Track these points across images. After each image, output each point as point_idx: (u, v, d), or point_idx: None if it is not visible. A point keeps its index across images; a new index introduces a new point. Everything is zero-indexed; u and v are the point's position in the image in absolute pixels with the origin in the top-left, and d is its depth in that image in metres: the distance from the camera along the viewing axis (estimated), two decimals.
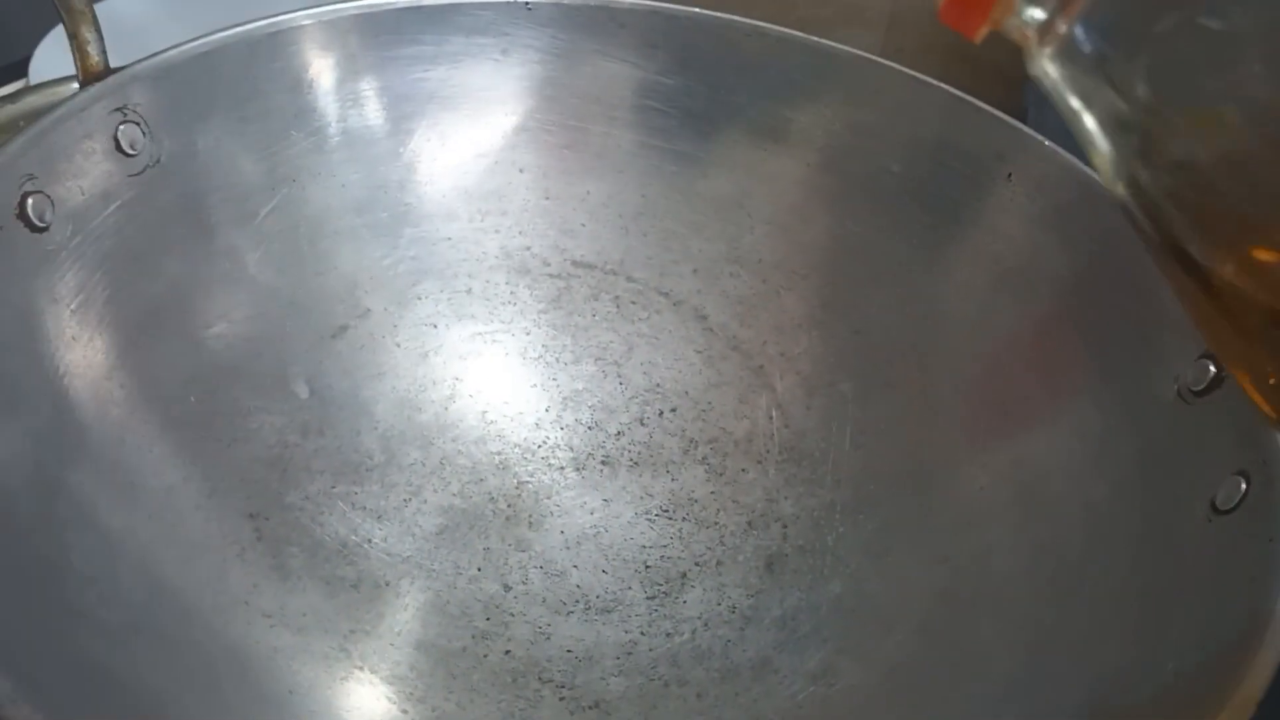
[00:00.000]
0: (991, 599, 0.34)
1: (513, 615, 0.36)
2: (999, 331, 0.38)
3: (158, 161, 0.36)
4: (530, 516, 0.39)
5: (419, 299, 0.42)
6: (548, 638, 0.36)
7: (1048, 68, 0.22)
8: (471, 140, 0.43)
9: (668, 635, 0.36)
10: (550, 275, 0.44)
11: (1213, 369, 0.32)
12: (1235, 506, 0.29)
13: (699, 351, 0.43)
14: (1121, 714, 0.27)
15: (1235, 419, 0.30)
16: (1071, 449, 0.35)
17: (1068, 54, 0.22)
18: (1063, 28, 0.22)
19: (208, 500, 0.34)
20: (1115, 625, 0.30)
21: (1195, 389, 0.32)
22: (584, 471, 0.41)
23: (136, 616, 0.29)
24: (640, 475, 0.41)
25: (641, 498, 0.40)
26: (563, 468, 0.40)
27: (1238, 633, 0.26)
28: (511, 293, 0.43)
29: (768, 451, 0.41)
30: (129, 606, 0.29)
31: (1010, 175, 0.39)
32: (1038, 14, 0.22)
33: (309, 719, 0.30)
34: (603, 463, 0.41)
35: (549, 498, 0.39)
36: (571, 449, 0.41)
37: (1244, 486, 0.29)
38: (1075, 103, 0.22)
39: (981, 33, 0.23)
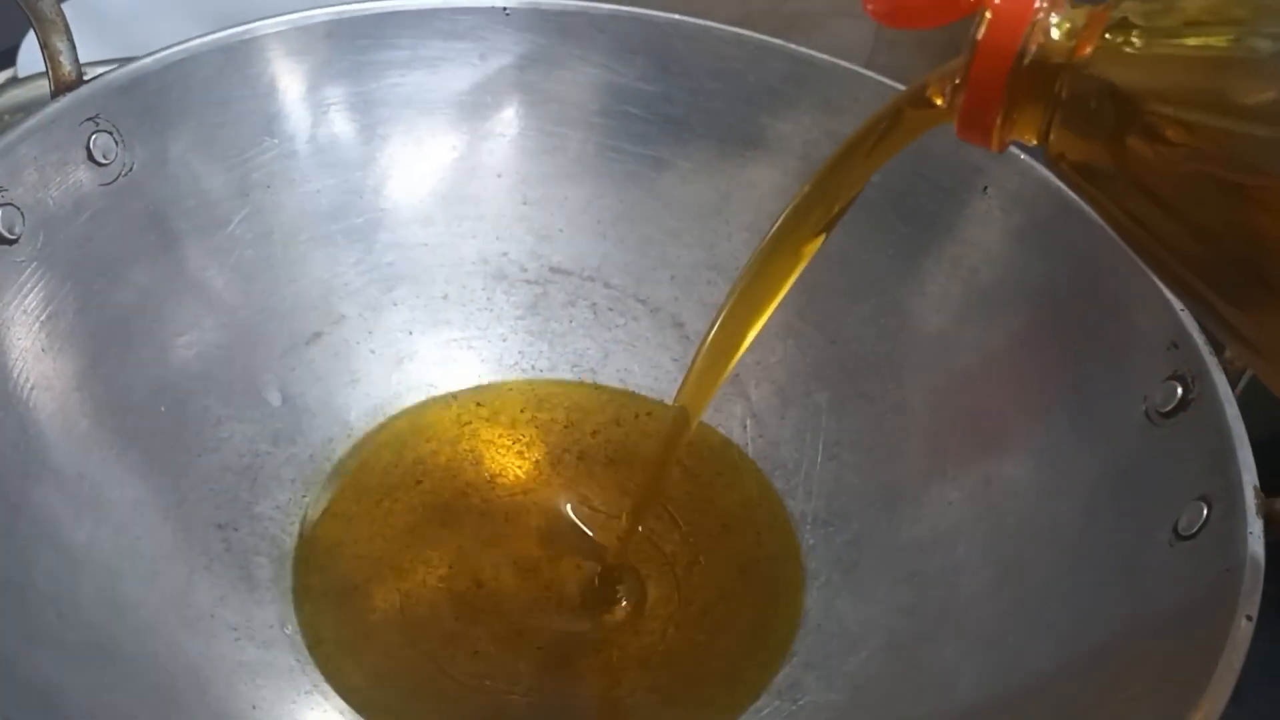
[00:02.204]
0: (957, 618, 0.34)
1: (483, 613, 0.36)
2: (972, 346, 0.38)
3: (130, 170, 0.36)
4: (505, 513, 0.39)
5: (394, 305, 0.42)
6: (519, 635, 0.36)
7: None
8: (448, 145, 0.42)
9: (637, 634, 0.36)
10: (527, 281, 0.43)
11: (1180, 391, 0.32)
12: (1197, 532, 0.29)
13: (675, 360, 0.43)
14: None
15: (1200, 443, 0.30)
16: (1041, 467, 0.35)
17: None
18: None
19: (176, 511, 0.34)
20: (1076, 650, 0.30)
21: (1162, 410, 0.32)
22: (559, 468, 0.40)
23: (97, 635, 0.29)
24: (616, 473, 0.41)
25: (616, 496, 0.40)
26: (537, 464, 0.40)
27: (1195, 662, 0.26)
28: (488, 299, 0.43)
29: (742, 459, 0.41)
30: (90, 626, 0.29)
31: (987, 188, 0.38)
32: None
33: None
34: (579, 459, 0.41)
35: (524, 494, 0.39)
36: (547, 446, 0.41)
37: (1205, 512, 0.29)
38: None
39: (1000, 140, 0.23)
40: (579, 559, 0.37)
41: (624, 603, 0.36)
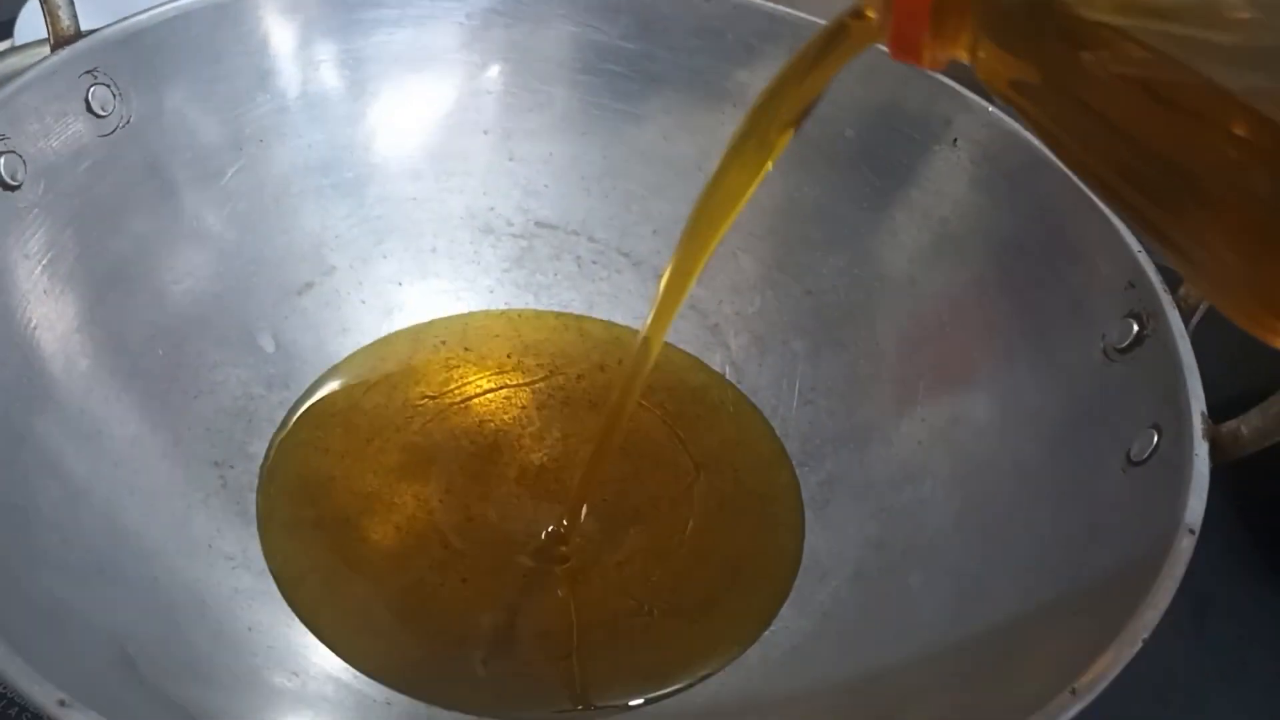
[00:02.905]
0: (922, 550, 0.35)
1: (472, 544, 0.37)
2: (941, 292, 0.39)
3: (127, 122, 0.37)
4: (490, 452, 0.40)
5: (383, 257, 0.43)
6: (504, 567, 0.37)
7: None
8: (436, 102, 0.44)
9: (619, 566, 0.37)
10: (513, 235, 0.45)
11: (1135, 327, 0.33)
12: (1148, 458, 0.30)
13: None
14: (1029, 650, 0.29)
15: (1154, 375, 0.32)
16: (1005, 406, 0.36)
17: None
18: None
19: (174, 449, 0.36)
20: (1032, 574, 0.31)
21: (1119, 346, 0.33)
22: (545, 410, 0.42)
23: (99, 559, 0.30)
24: (600, 415, 0.42)
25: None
26: (524, 406, 0.42)
27: (1142, 576, 0.27)
28: (475, 252, 0.44)
29: (721, 402, 0.43)
30: (91, 550, 0.30)
31: (956, 140, 0.40)
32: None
33: (266, 654, 0.32)
34: (563, 403, 0.42)
35: (509, 434, 0.41)
36: (533, 390, 0.42)
37: (1156, 439, 0.30)
38: None
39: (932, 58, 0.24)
40: (559, 498, 0.39)
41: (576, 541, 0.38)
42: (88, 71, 0.35)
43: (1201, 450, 0.29)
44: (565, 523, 0.38)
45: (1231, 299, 0.21)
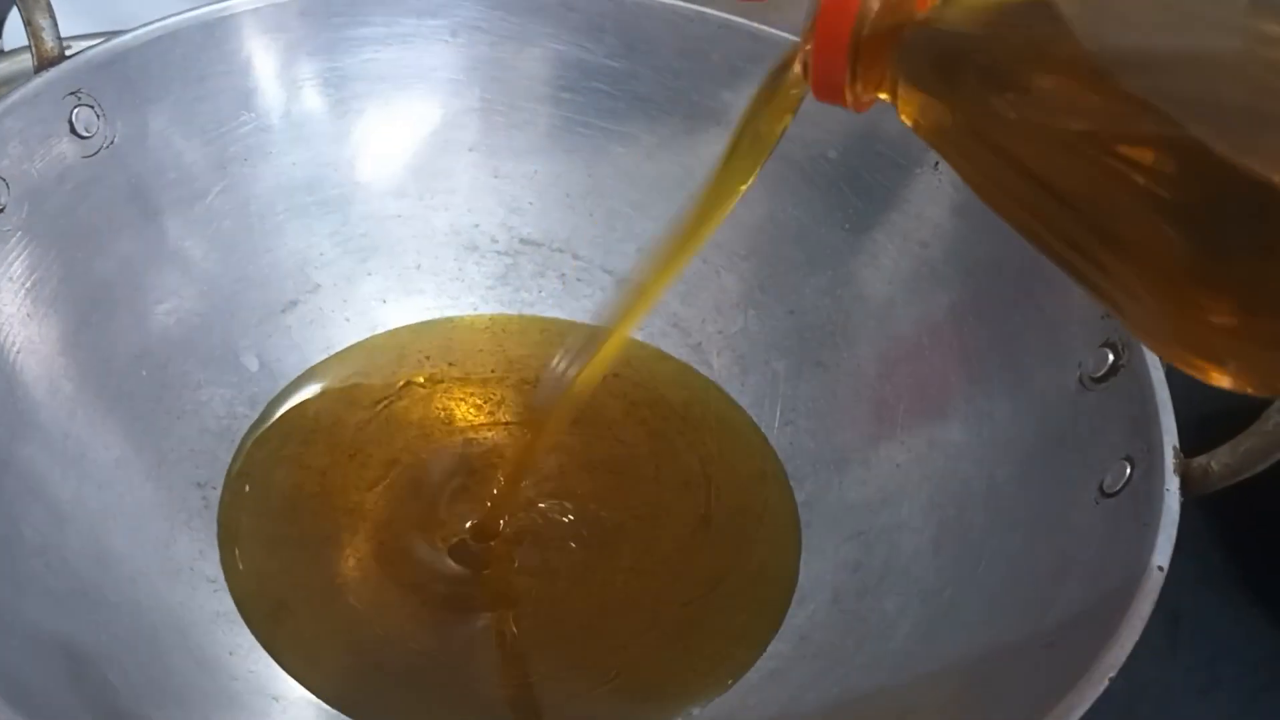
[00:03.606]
0: (898, 574, 0.35)
1: (451, 561, 0.37)
2: (921, 316, 0.40)
3: (111, 143, 0.37)
4: (472, 468, 0.40)
5: (368, 275, 0.43)
6: (482, 582, 0.37)
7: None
8: (421, 120, 0.44)
9: (602, 584, 0.38)
10: (498, 252, 0.45)
11: (1111, 357, 0.33)
12: (1120, 490, 0.31)
13: (641, 328, 0.45)
14: (998, 682, 0.29)
15: (1127, 407, 0.32)
16: (981, 432, 0.37)
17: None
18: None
19: (157, 470, 0.36)
20: (1004, 602, 0.32)
21: (1095, 376, 0.34)
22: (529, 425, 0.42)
23: (83, 583, 0.31)
24: (584, 431, 0.42)
25: (585, 452, 0.41)
26: (507, 424, 0.42)
27: (1111, 610, 0.28)
28: (459, 269, 0.45)
29: (703, 420, 0.43)
30: (76, 575, 0.31)
31: (938, 164, 0.40)
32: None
33: (247, 678, 0.32)
34: (546, 419, 0.42)
35: (493, 450, 0.41)
36: (515, 405, 0.42)
37: (1129, 471, 0.31)
38: None
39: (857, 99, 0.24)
40: (545, 511, 0.39)
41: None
42: (71, 93, 0.36)
43: (1172, 485, 0.29)
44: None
45: (1156, 339, 0.22)
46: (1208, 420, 0.34)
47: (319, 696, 0.33)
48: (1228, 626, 0.42)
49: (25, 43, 0.50)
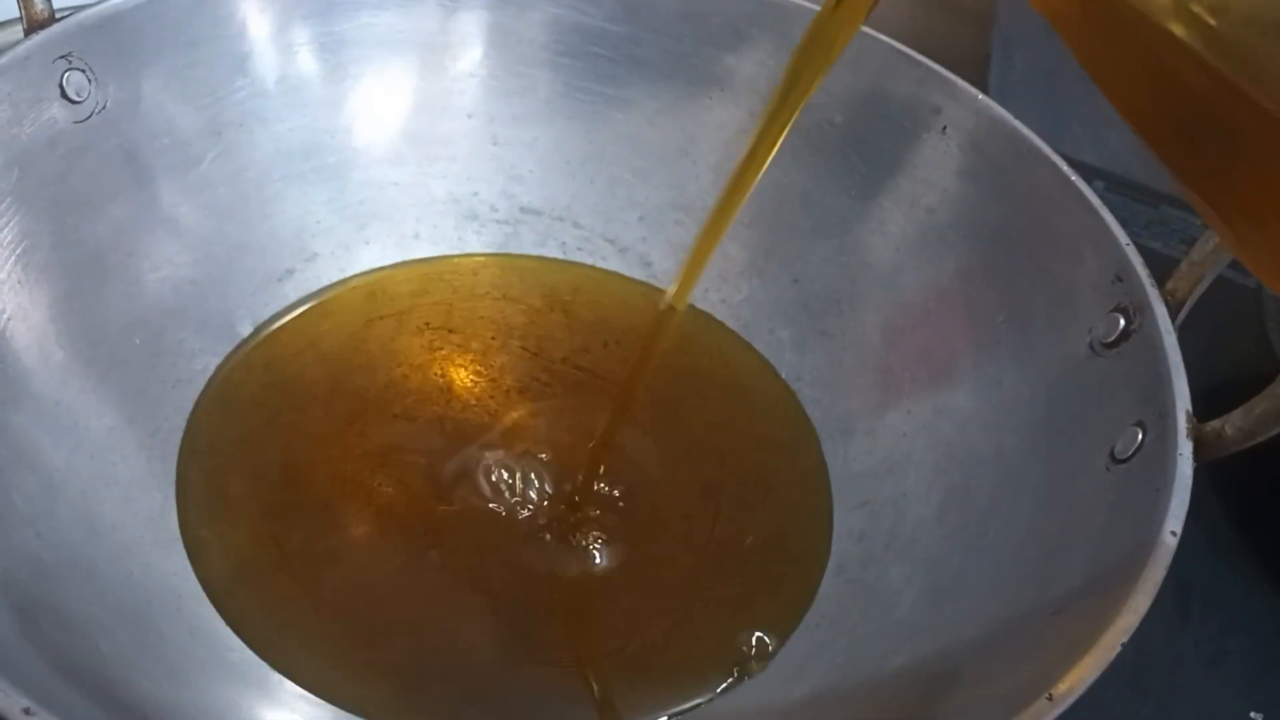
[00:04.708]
0: (904, 543, 0.35)
1: (452, 529, 0.37)
2: (927, 282, 0.39)
3: (103, 108, 0.36)
4: (473, 436, 0.39)
5: (366, 243, 0.43)
6: (486, 551, 0.36)
7: None
8: (420, 86, 0.43)
9: (600, 549, 0.37)
10: (498, 221, 0.44)
11: (1122, 322, 0.33)
12: (1131, 456, 0.30)
13: (644, 296, 0.44)
14: (1007, 650, 0.29)
15: (1139, 372, 0.32)
16: (989, 398, 0.36)
17: None
18: None
19: (151, 439, 0.35)
20: (1012, 570, 0.31)
21: (1105, 341, 0.33)
22: (527, 393, 0.41)
23: (74, 554, 0.30)
24: (584, 398, 0.41)
25: (584, 420, 0.41)
26: (508, 390, 0.41)
27: (1122, 577, 0.27)
28: (459, 238, 0.44)
29: (709, 389, 0.42)
30: (67, 545, 0.30)
31: (945, 128, 0.39)
32: None
33: (242, 650, 0.32)
34: (545, 385, 0.42)
35: (493, 417, 0.40)
36: (517, 373, 0.42)
37: (1140, 437, 0.30)
38: None
39: None
40: (547, 482, 0.38)
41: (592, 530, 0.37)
42: (62, 56, 0.35)
43: (1185, 450, 0.29)
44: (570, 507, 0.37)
45: (1263, 256, 0.20)
46: (1214, 392, 0.33)
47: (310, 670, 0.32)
48: (1238, 598, 0.42)
49: (13, 16, 0.50)
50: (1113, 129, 0.65)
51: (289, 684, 0.31)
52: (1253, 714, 0.38)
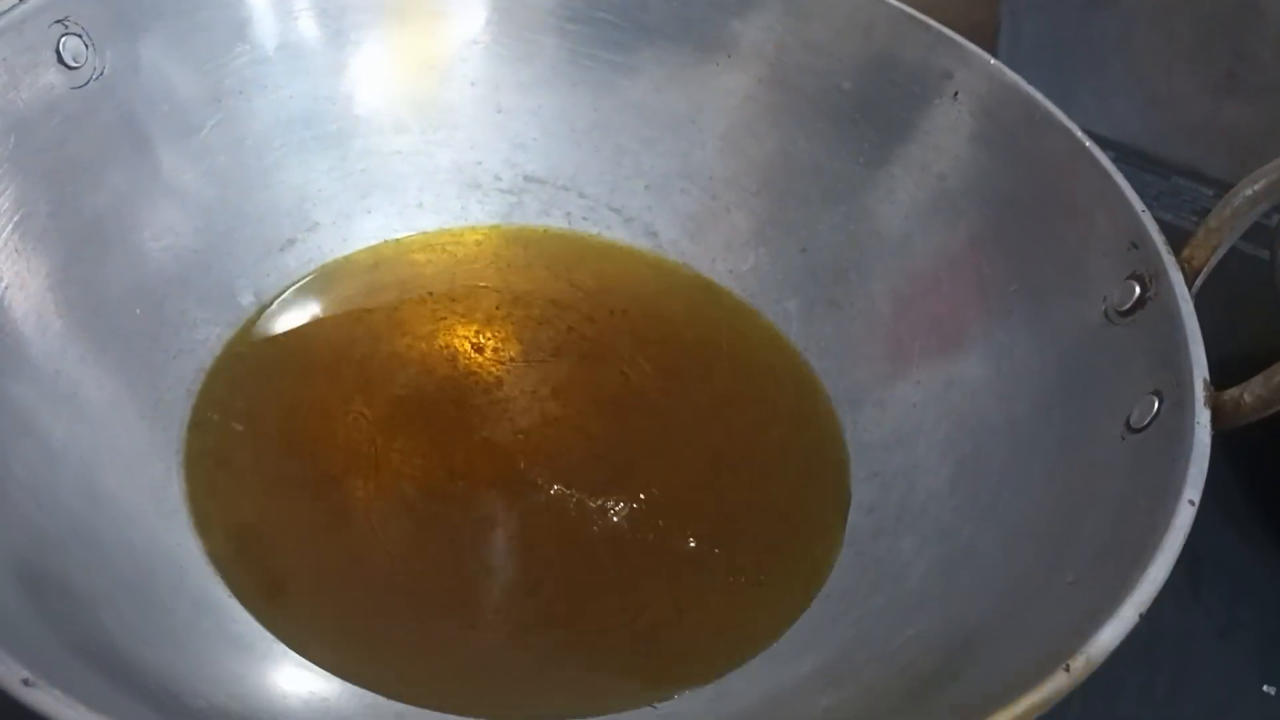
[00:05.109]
0: (915, 515, 0.35)
1: (457, 501, 0.36)
2: (938, 250, 0.39)
3: (101, 74, 0.35)
4: (478, 406, 0.39)
5: (368, 212, 0.42)
6: (492, 521, 0.36)
7: None
8: (422, 53, 0.43)
9: (609, 520, 0.36)
10: (501, 190, 0.44)
11: (1138, 290, 0.32)
12: (1147, 425, 0.30)
13: (650, 265, 0.43)
14: (1021, 621, 0.28)
15: (1155, 340, 0.31)
16: (1001, 369, 0.36)
17: None
18: None
19: (153, 410, 0.35)
20: (1025, 540, 0.31)
21: (1121, 309, 0.33)
22: (533, 363, 0.41)
23: (75, 523, 0.30)
24: (591, 368, 0.41)
25: (592, 389, 0.40)
26: (512, 359, 0.41)
27: (1138, 548, 0.27)
28: (462, 207, 0.43)
29: (716, 359, 0.42)
30: (69, 514, 0.30)
31: (957, 94, 0.39)
32: None
33: (246, 621, 0.31)
34: (553, 355, 0.41)
35: (498, 387, 0.40)
36: (521, 342, 0.41)
37: (1157, 406, 0.30)
38: None
39: None
40: (552, 449, 0.38)
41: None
42: (58, 21, 0.34)
43: (1203, 418, 0.28)
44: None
45: None
46: (1227, 364, 0.33)
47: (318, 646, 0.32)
48: (1250, 568, 0.41)
49: None
50: (1122, 99, 0.64)
51: (293, 655, 0.31)
52: (1265, 687, 0.37)
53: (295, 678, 0.31)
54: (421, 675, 0.32)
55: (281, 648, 0.31)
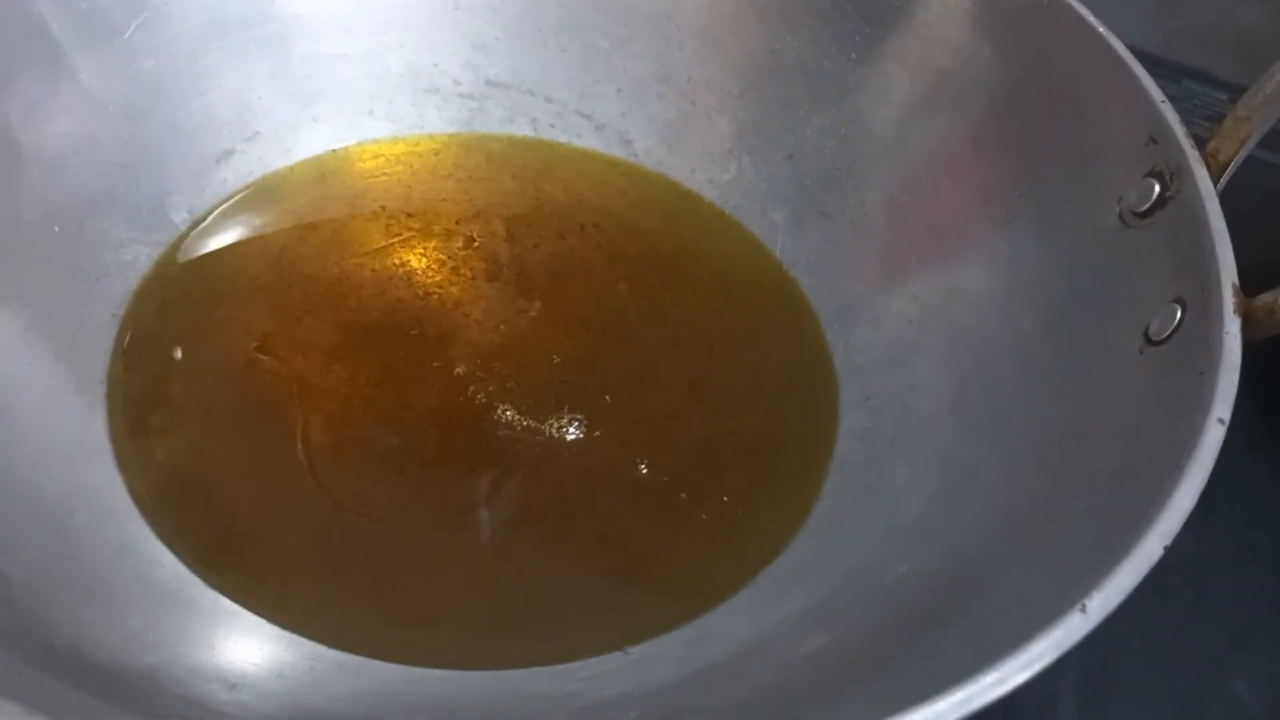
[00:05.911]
0: (911, 439, 0.32)
1: (412, 435, 0.34)
2: (937, 153, 0.36)
3: None
4: (437, 330, 0.36)
5: (314, 121, 0.39)
6: (453, 456, 0.34)
7: None
8: None
9: (580, 452, 0.34)
10: (461, 95, 0.41)
11: (1157, 188, 0.29)
12: (1169, 336, 0.27)
13: (623, 176, 0.40)
14: (1031, 555, 0.25)
15: (1177, 242, 0.28)
16: (1006, 279, 0.33)
17: None
18: None
19: (73, 338, 0.32)
20: (1034, 466, 0.28)
21: (1138, 210, 0.30)
22: (497, 283, 0.38)
23: None
24: (560, 288, 0.38)
25: (561, 310, 0.37)
26: (474, 279, 0.38)
27: (1159, 470, 0.24)
28: (419, 114, 0.40)
29: (695, 277, 0.39)
30: None
31: None
32: None
33: (174, 566, 0.29)
34: (519, 274, 0.38)
35: (458, 309, 0.37)
36: (484, 260, 0.38)
37: (1179, 315, 0.27)
38: None
39: None
40: (518, 377, 0.35)
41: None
42: None
43: (1233, 327, 0.25)
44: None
45: None
46: (1252, 272, 0.30)
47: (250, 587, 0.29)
48: (1267, 494, 0.39)
49: None
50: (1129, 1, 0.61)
51: (228, 604, 0.28)
52: None
53: (232, 629, 0.28)
54: (375, 626, 0.30)
55: (215, 596, 0.28)
